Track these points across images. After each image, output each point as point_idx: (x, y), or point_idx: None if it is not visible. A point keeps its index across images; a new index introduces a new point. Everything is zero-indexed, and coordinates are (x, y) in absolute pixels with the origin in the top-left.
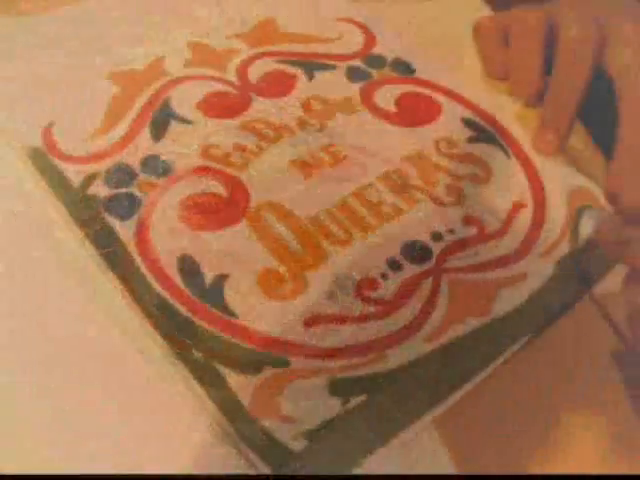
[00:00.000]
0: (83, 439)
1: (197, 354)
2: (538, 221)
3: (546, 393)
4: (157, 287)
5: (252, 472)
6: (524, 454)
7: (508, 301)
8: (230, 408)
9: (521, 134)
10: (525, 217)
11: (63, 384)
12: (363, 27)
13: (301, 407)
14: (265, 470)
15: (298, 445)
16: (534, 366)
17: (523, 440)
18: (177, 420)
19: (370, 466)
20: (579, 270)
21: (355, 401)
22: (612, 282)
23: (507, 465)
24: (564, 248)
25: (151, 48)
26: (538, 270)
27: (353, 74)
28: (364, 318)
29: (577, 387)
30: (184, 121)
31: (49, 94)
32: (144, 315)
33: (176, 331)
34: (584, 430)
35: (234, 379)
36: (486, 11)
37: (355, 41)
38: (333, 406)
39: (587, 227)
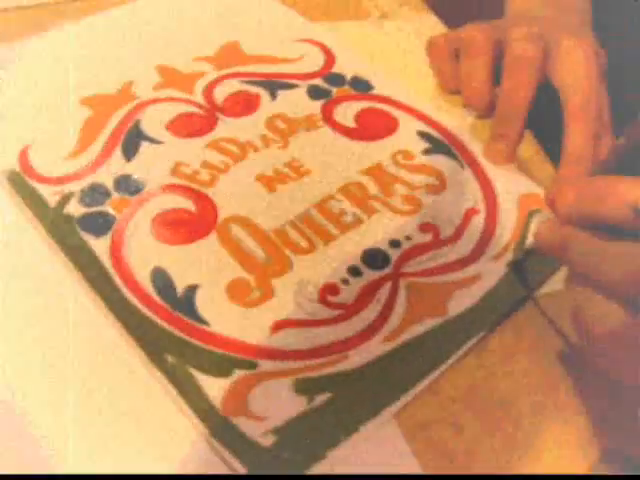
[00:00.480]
0: (65, 437)
1: (171, 359)
2: (491, 226)
3: (501, 390)
4: (131, 298)
5: (225, 467)
6: (478, 442)
7: (462, 301)
8: (203, 408)
9: (474, 144)
10: (478, 222)
11: (46, 388)
12: (323, 47)
13: (269, 406)
14: (236, 464)
15: (267, 441)
16: (489, 363)
17: (476, 430)
18: (153, 420)
19: (335, 458)
20: (519, 273)
21: (320, 399)
22: (557, 283)
23: (462, 453)
24: (515, 250)
25: (121, 73)
26: (491, 271)
27: (314, 92)
28: (327, 321)
29: (531, 383)
30: (154, 141)
31: (25, 119)
32: (120, 324)
33: (150, 338)
34: (540, 427)
35: (206, 382)
36: (442, 29)
37: (315, 61)
38: (299, 404)
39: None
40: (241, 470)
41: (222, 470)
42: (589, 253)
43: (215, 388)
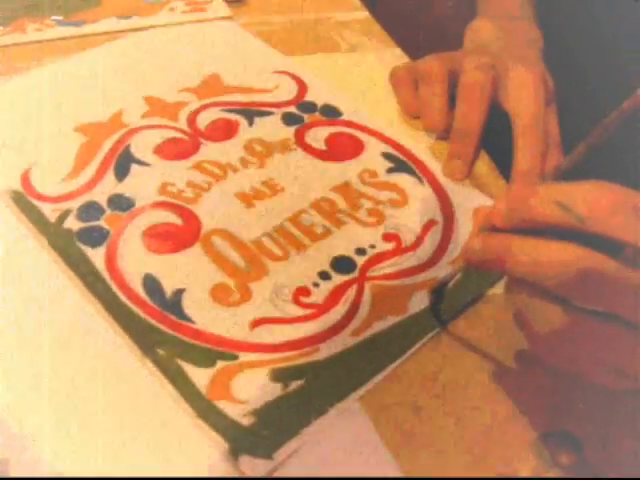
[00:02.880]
0: (70, 427)
1: (161, 352)
2: (447, 235)
3: (454, 376)
4: (125, 300)
5: (211, 444)
6: (434, 420)
7: (421, 301)
8: (190, 394)
9: (433, 163)
10: (436, 232)
11: (56, 383)
12: (296, 78)
13: (249, 391)
14: (220, 441)
15: (247, 421)
16: (443, 354)
17: (432, 410)
18: (146, 406)
19: (307, 435)
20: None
21: (294, 385)
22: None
23: (420, 430)
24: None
25: (112, 103)
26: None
27: (288, 119)
28: (300, 319)
29: (480, 370)
30: (143, 164)
31: (26, 144)
32: (116, 323)
33: (143, 335)
34: (488, 407)
35: (193, 371)
36: (404, 60)
37: (289, 90)
38: (275, 389)
39: None
40: (224, 446)
41: (208, 448)
42: (527, 261)
43: (201, 377)
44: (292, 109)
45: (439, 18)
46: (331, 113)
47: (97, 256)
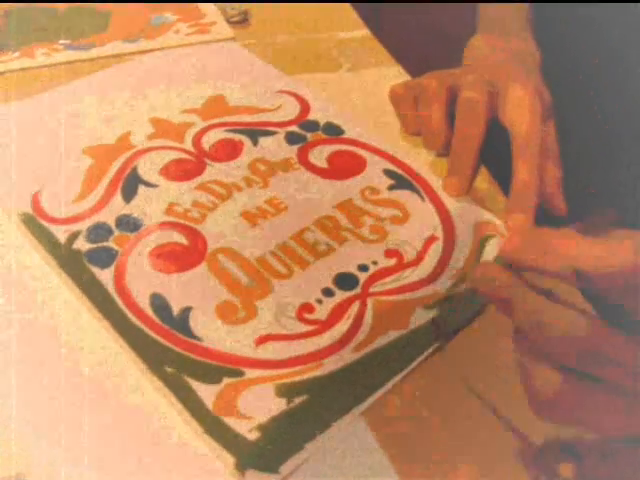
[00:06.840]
0: (77, 437)
1: (169, 370)
2: (448, 250)
3: (455, 389)
4: (134, 319)
5: (218, 459)
6: (435, 433)
7: (423, 315)
8: (197, 410)
9: (433, 180)
10: (437, 248)
11: (65, 400)
12: (299, 97)
13: (254, 407)
14: (226, 456)
15: (252, 436)
16: (445, 368)
17: (434, 423)
18: (154, 422)
19: (312, 449)
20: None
21: (298, 400)
22: None
23: (422, 443)
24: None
25: (119, 125)
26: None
27: (291, 138)
28: (304, 335)
29: (482, 383)
30: (150, 185)
31: (36, 168)
32: (124, 341)
33: (151, 353)
34: (489, 419)
35: (200, 388)
36: (405, 78)
37: (292, 109)
38: (280, 404)
39: (490, 252)
40: (230, 461)
41: (215, 463)
42: (531, 312)
43: (208, 393)
44: (295, 128)
45: (439, 35)
46: (333, 131)
47: (106, 276)
